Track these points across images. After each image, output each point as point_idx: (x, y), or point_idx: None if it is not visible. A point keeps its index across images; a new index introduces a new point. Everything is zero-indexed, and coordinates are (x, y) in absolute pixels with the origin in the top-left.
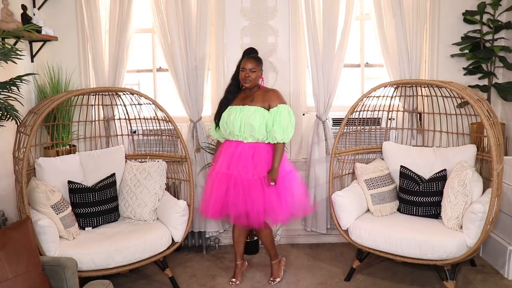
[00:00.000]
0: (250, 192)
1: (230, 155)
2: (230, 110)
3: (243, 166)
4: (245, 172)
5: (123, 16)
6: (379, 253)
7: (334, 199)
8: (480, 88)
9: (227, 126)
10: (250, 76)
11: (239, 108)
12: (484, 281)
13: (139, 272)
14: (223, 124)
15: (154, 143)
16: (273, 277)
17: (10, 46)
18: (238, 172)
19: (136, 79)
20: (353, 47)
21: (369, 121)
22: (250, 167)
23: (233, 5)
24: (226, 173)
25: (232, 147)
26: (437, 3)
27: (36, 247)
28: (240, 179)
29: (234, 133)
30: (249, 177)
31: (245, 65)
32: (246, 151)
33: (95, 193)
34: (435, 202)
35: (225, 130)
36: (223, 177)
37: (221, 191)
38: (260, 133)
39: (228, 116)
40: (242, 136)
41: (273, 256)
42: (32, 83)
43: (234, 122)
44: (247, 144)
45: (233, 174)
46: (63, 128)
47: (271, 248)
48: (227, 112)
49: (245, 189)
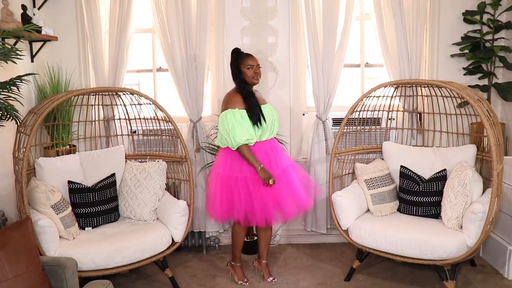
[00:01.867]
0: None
1: (271, 152)
2: (267, 109)
3: (278, 160)
4: (278, 166)
5: (123, 16)
6: (379, 253)
7: (334, 199)
8: (480, 88)
9: (273, 125)
10: (259, 71)
11: (266, 107)
12: (484, 281)
13: (139, 272)
14: (269, 124)
15: (154, 143)
16: (272, 275)
17: (10, 46)
18: (277, 168)
19: (136, 79)
20: (353, 47)
21: (369, 121)
22: (283, 158)
23: (233, 5)
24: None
25: (266, 144)
26: (437, 3)
27: (36, 247)
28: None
29: (274, 130)
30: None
31: (252, 62)
32: (276, 144)
33: (95, 193)
34: (435, 202)
35: (268, 129)
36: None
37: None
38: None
39: (272, 114)
40: (274, 132)
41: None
42: (32, 83)
43: (274, 120)
44: (272, 139)
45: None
46: (63, 128)
47: (268, 247)
48: (268, 111)
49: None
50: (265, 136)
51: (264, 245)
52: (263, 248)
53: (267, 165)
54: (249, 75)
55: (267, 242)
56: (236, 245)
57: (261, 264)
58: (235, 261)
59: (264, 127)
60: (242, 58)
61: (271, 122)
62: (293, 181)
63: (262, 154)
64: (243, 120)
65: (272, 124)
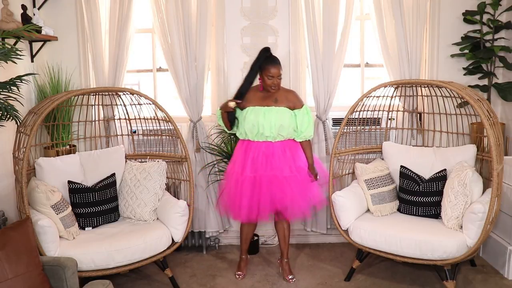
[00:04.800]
0: (292, 186)
1: (262, 157)
2: (255, 111)
3: (277, 165)
4: (280, 171)
5: (123, 16)
6: (379, 253)
7: (334, 199)
8: (480, 88)
9: (255, 127)
10: (278, 82)
11: (266, 110)
12: (484, 281)
13: (139, 272)
14: (250, 126)
15: (154, 143)
16: (292, 275)
17: (10, 46)
18: (273, 172)
19: (136, 79)
20: (353, 47)
21: (369, 121)
22: (285, 164)
23: (233, 5)
24: (261, 175)
25: (262, 148)
26: (437, 3)
27: (36, 247)
28: (277, 178)
29: (264, 134)
30: (287, 173)
31: (274, 73)
32: (277, 150)
33: (95, 193)
34: (435, 202)
35: (251, 131)
36: (258, 179)
37: (257, 194)
38: (288, 132)
39: (256, 117)
40: (272, 137)
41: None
42: (32, 83)
43: (264, 123)
44: (276, 143)
45: (265, 175)
46: (63, 128)
47: (288, 243)
48: (253, 113)
49: (283, 186)
50: (250, 137)
51: (281, 243)
52: (282, 247)
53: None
54: (267, 83)
55: (283, 240)
56: (242, 240)
57: (282, 262)
58: (240, 254)
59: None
60: (267, 63)
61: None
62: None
63: (247, 153)
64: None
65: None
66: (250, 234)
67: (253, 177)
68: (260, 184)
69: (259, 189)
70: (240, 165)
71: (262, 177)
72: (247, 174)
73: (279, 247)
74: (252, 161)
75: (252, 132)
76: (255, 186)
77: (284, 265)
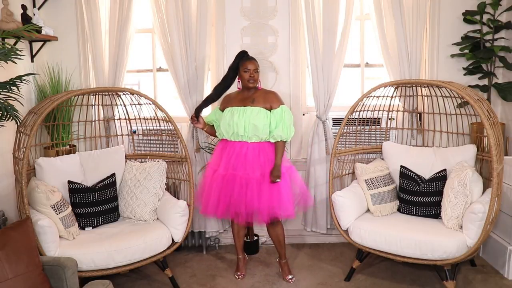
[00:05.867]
0: (260, 190)
1: (236, 156)
2: (232, 111)
3: (250, 165)
4: (252, 172)
5: (123, 16)
6: (379, 253)
7: (334, 199)
8: (480, 88)
9: (230, 127)
10: (255, 76)
11: (241, 109)
12: (484, 281)
13: (139, 272)
14: (226, 125)
15: (154, 143)
16: (291, 275)
17: (10, 46)
18: (245, 172)
19: (136, 79)
20: (353, 47)
21: (369, 121)
22: (258, 165)
23: (233, 5)
24: (233, 174)
25: (237, 147)
26: (437, 3)
27: (36, 247)
28: (248, 178)
29: (238, 133)
30: (257, 175)
31: (249, 65)
32: (251, 151)
33: (95, 193)
34: (435, 202)
35: (227, 131)
36: (230, 178)
37: (228, 192)
38: (264, 132)
39: (231, 117)
40: (247, 136)
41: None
42: (32, 83)
43: (238, 123)
44: (252, 144)
45: (238, 175)
46: (63, 128)
47: (284, 245)
48: (229, 113)
49: (253, 188)
50: (227, 137)
51: (275, 244)
52: (277, 248)
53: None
54: (244, 77)
55: (277, 241)
56: (234, 239)
57: (280, 262)
58: (237, 253)
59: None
60: (243, 60)
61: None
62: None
63: (223, 151)
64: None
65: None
66: (240, 231)
67: (225, 175)
68: (232, 182)
69: (231, 188)
70: (215, 162)
71: (235, 176)
72: (220, 171)
73: (276, 249)
74: (226, 159)
75: (228, 131)
76: (227, 184)
77: (283, 266)
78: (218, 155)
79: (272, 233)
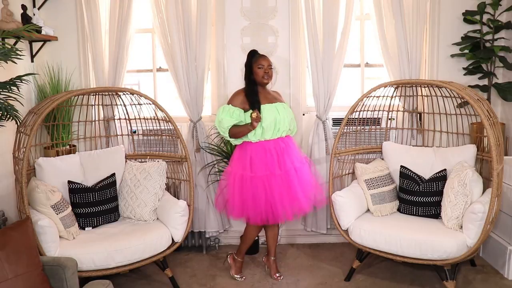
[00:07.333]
0: (301, 182)
1: (275, 154)
2: (275, 107)
3: (290, 158)
4: (291, 163)
5: (123, 16)
6: (379, 253)
7: (334, 199)
8: (480, 88)
9: (277, 123)
10: (269, 72)
11: (279, 105)
12: (484, 281)
13: (139, 272)
14: (271, 122)
15: (154, 143)
16: (279, 273)
17: (10, 46)
18: (285, 167)
19: (136, 79)
20: (353, 47)
21: (369, 121)
22: (292, 158)
23: (233, 5)
24: (272, 172)
25: (271, 143)
26: (437, 3)
27: (36, 247)
28: (287, 172)
29: (280, 129)
30: (293, 168)
31: (263, 62)
32: (286, 144)
33: (95, 193)
34: (435, 202)
35: (270, 127)
36: (269, 177)
37: (269, 191)
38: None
39: (277, 113)
40: (285, 131)
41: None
42: (32, 83)
43: (285, 118)
44: (284, 138)
45: (277, 173)
46: (63, 128)
47: (276, 244)
48: (273, 110)
49: (294, 181)
50: (268, 135)
51: (271, 242)
52: (271, 245)
53: (269, 164)
54: (259, 74)
55: (274, 239)
56: (245, 242)
57: (269, 260)
58: (239, 256)
59: (271, 126)
60: (256, 57)
61: (274, 121)
62: (292, 184)
63: (266, 153)
64: (232, 117)
65: (275, 124)
66: (256, 232)
67: (263, 176)
68: (273, 180)
69: (270, 186)
70: (240, 166)
71: (273, 174)
72: (250, 174)
73: (267, 245)
74: (260, 160)
75: (271, 128)
76: (269, 183)
77: (272, 263)
78: (241, 158)
79: (270, 232)
